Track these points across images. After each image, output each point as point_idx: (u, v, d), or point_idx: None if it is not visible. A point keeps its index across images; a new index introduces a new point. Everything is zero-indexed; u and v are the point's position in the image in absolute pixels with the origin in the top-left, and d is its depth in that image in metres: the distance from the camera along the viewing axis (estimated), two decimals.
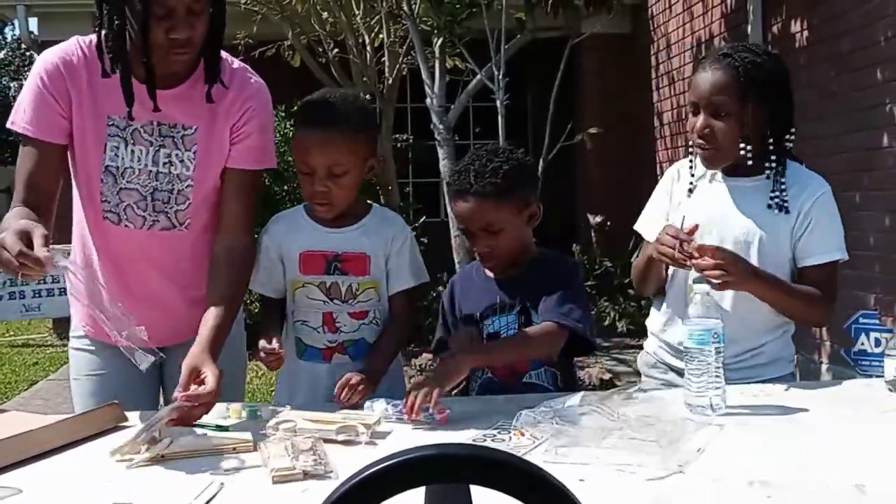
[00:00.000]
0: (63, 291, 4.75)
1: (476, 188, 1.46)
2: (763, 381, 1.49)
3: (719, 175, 1.55)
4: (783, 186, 1.49)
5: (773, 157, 1.49)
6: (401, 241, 1.54)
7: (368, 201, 1.62)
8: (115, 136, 1.44)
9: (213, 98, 1.46)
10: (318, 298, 1.51)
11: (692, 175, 1.56)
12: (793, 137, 1.53)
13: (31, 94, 1.44)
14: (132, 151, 1.45)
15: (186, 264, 1.52)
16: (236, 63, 1.54)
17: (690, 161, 1.57)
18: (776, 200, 1.49)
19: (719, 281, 1.37)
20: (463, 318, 1.56)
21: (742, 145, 1.47)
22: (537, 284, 1.51)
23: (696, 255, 1.38)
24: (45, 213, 1.39)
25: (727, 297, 1.50)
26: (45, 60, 1.45)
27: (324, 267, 1.51)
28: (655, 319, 1.64)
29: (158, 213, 1.48)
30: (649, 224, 1.60)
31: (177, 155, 1.46)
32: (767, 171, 1.50)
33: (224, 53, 1.51)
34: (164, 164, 1.46)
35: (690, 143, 1.56)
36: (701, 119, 1.48)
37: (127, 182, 1.46)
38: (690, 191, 1.56)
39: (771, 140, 1.49)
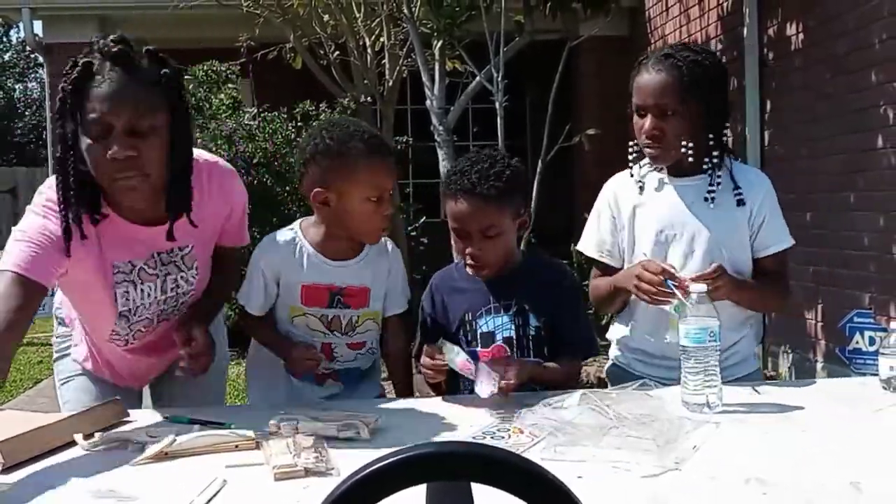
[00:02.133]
0: None
1: (480, 190, 1.48)
2: (734, 381, 1.51)
3: (666, 179, 1.57)
4: (721, 180, 1.54)
5: (716, 153, 1.53)
6: (396, 268, 1.59)
7: None
8: (123, 282, 1.40)
9: (196, 222, 1.38)
10: (319, 330, 1.53)
11: (641, 187, 1.58)
12: (728, 132, 1.59)
13: (30, 232, 1.29)
14: (141, 290, 1.42)
15: (189, 317, 1.54)
16: (202, 158, 1.43)
17: (631, 169, 1.60)
18: (713, 194, 1.54)
19: (717, 294, 1.41)
20: (453, 318, 1.56)
21: (685, 143, 1.51)
22: (535, 288, 1.54)
23: (687, 284, 1.39)
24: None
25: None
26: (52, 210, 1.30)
27: (327, 300, 1.52)
28: (622, 330, 1.64)
29: (169, 316, 1.51)
30: (599, 245, 1.62)
31: (182, 276, 1.45)
32: (707, 167, 1.54)
33: (197, 159, 1.39)
34: (172, 288, 1.46)
35: (633, 149, 1.59)
36: (649, 121, 1.51)
37: (138, 317, 1.46)
38: (641, 188, 1.58)
39: (712, 136, 1.53)
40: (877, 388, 1.41)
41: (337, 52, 5.01)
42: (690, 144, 1.51)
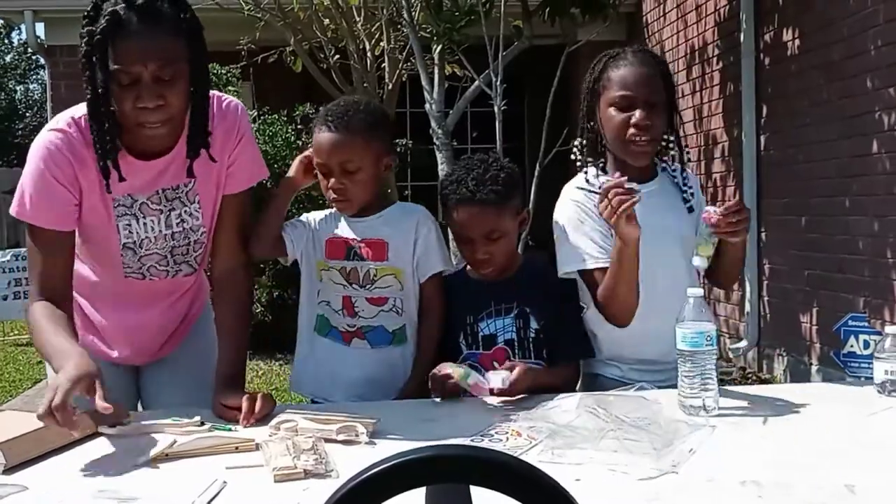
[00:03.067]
0: None
1: (479, 196, 1.50)
2: None
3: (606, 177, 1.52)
4: (686, 180, 1.57)
5: (674, 151, 1.57)
6: (426, 229, 1.59)
7: (394, 198, 1.68)
8: (125, 216, 1.43)
9: (199, 154, 1.42)
10: (339, 282, 1.58)
11: (591, 186, 1.53)
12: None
13: (39, 183, 1.36)
14: (144, 224, 1.44)
15: (194, 296, 1.59)
16: (213, 99, 1.47)
17: (585, 172, 1.58)
18: (686, 194, 1.57)
19: (739, 229, 1.42)
20: (454, 320, 1.58)
21: (665, 136, 1.54)
22: (535, 290, 1.56)
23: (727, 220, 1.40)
24: (65, 299, 1.40)
25: (670, 297, 1.43)
26: (48, 148, 1.37)
27: (345, 252, 1.58)
28: (620, 342, 1.55)
29: (180, 264, 1.51)
30: (596, 253, 1.50)
31: (186, 211, 1.47)
32: (669, 175, 1.57)
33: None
34: (178, 223, 1.47)
35: (579, 147, 1.58)
36: (639, 112, 1.48)
37: (146, 251, 1.47)
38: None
39: (673, 136, 1.56)
40: (871, 391, 1.42)
41: (337, 56, 5.03)
42: (671, 138, 1.54)
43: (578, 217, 1.55)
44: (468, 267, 1.63)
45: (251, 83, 5.83)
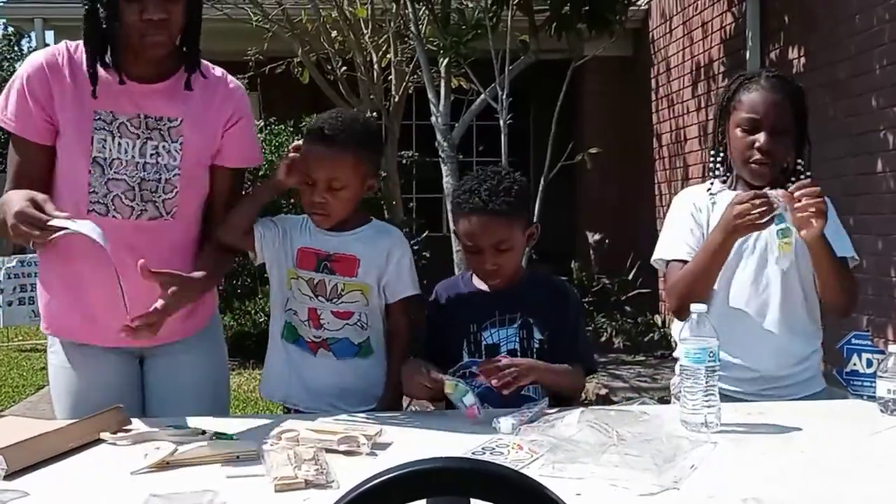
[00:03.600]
0: None
1: (491, 206, 1.52)
2: (803, 398, 1.54)
3: (729, 192, 1.60)
4: None
5: (793, 178, 1.57)
6: (399, 252, 1.60)
7: (369, 216, 1.67)
8: (102, 130, 1.46)
9: (194, 87, 1.50)
10: (306, 293, 1.58)
11: (711, 194, 1.61)
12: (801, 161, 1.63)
13: (14, 93, 1.47)
14: (119, 144, 1.47)
15: (172, 257, 1.50)
16: (218, 70, 1.59)
17: (711, 184, 1.62)
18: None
19: (816, 212, 1.43)
20: (457, 328, 1.58)
21: (788, 162, 1.57)
22: (541, 303, 1.57)
23: (796, 196, 1.43)
24: None
25: (774, 309, 1.55)
26: (29, 62, 1.49)
27: (315, 264, 1.58)
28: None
29: (146, 203, 1.49)
30: (685, 247, 1.57)
31: (164, 146, 1.49)
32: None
33: (206, 62, 1.56)
34: (152, 154, 1.48)
35: (713, 160, 1.61)
36: (764, 136, 1.53)
37: (115, 172, 1.47)
38: (713, 204, 1.59)
39: (799, 160, 1.59)
40: (874, 409, 1.42)
41: (344, 68, 5.07)
42: (799, 162, 1.57)
43: (682, 216, 1.62)
44: (473, 276, 1.64)
45: (258, 93, 5.87)
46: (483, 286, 1.60)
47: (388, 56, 4.96)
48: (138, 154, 1.48)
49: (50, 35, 6.52)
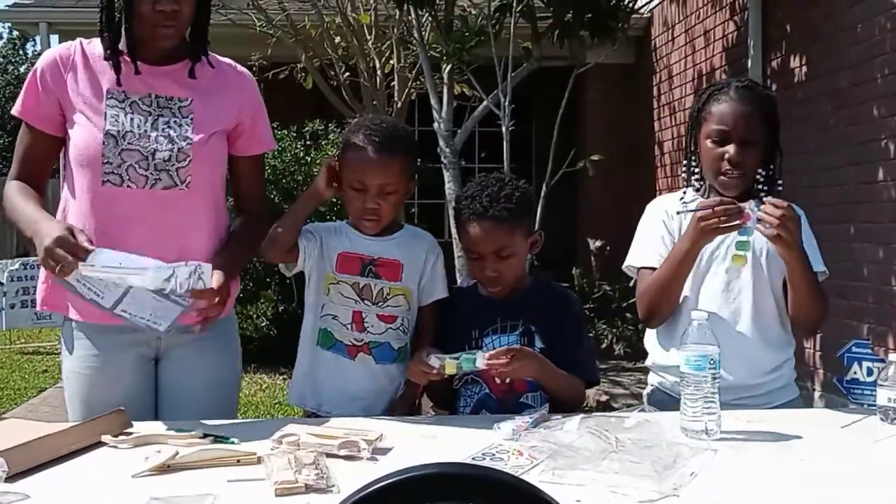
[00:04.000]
0: None
1: (492, 212, 1.53)
2: (778, 407, 1.54)
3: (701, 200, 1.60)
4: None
5: (764, 187, 1.57)
6: (434, 256, 1.64)
7: (400, 220, 1.71)
8: (115, 107, 1.52)
9: (203, 75, 1.56)
10: (350, 297, 1.60)
11: (685, 203, 1.61)
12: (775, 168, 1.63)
13: (29, 84, 1.56)
14: (132, 119, 1.52)
15: (186, 227, 1.53)
16: (226, 60, 1.65)
17: (684, 193, 1.63)
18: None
19: (776, 231, 1.43)
20: (458, 334, 1.58)
21: (759, 172, 1.57)
22: (544, 311, 1.57)
23: (766, 209, 1.44)
24: (39, 185, 1.57)
25: (745, 318, 1.55)
26: (44, 56, 1.58)
27: (360, 268, 1.60)
28: (665, 353, 1.62)
29: (160, 172, 1.51)
30: (655, 255, 1.60)
31: (175, 121, 1.54)
32: (760, 196, 1.56)
33: (213, 54, 1.62)
34: (164, 129, 1.53)
35: (686, 170, 1.62)
36: (734, 148, 1.54)
37: (128, 144, 1.51)
38: (680, 212, 1.60)
39: (770, 167, 1.58)
40: (874, 418, 1.43)
41: (347, 74, 5.10)
42: (764, 173, 1.57)
43: (654, 223, 1.64)
44: (477, 283, 1.64)
45: None
46: (486, 292, 1.61)
47: (391, 62, 4.99)
48: (150, 128, 1.53)
49: (54, 39, 6.55)
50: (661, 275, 1.57)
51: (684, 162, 1.67)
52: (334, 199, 4.65)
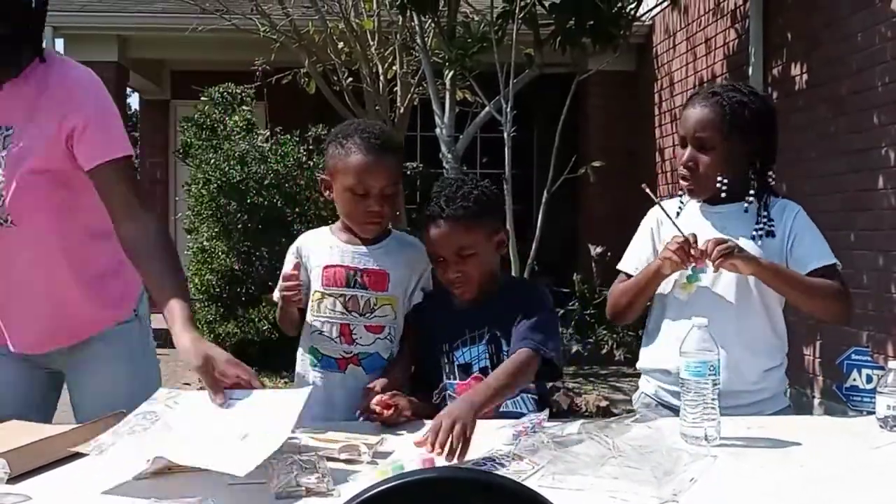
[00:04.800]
0: None
1: (448, 212, 1.51)
2: (767, 416, 1.53)
3: (701, 207, 1.62)
4: (766, 216, 1.57)
5: (753, 191, 1.57)
6: (423, 266, 1.62)
7: (389, 227, 1.69)
8: None
9: (19, 94, 1.40)
10: (337, 310, 1.59)
11: (680, 208, 1.63)
12: (772, 173, 1.62)
13: None
14: None
15: (31, 267, 1.45)
16: (58, 58, 1.47)
17: (681, 201, 1.64)
18: (761, 231, 1.56)
19: (721, 257, 1.45)
20: (432, 349, 1.56)
21: (720, 178, 1.55)
22: (506, 312, 1.53)
23: (703, 249, 1.48)
24: None
25: (731, 325, 1.54)
26: None
27: (345, 280, 1.59)
28: (653, 357, 1.65)
29: None
30: (635, 262, 1.66)
31: None
32: (746, 205, 1.58)
33: (50, 50, 1.46)
34: None
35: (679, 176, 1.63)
36: (687, 152, 1.56)
37: None
38: (678, 213, 1.62)
39: (753, 175, 1.57)
40: (874, 425, 1.42)
41: (350, 79, 5.12)
42: (725, 181, 1.56)
43: (645, 230, 1.68)
44: (448, 294, 1.60)
45: (265, 103, 5.92)
46: (458, 301, 1.57)
47: (394, 68, 5.01)
48: None
49: (60, 43, 6.59)
50: (630, 284, 1.63)
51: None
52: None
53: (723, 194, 1.57)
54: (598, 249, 6.05)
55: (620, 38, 4.37)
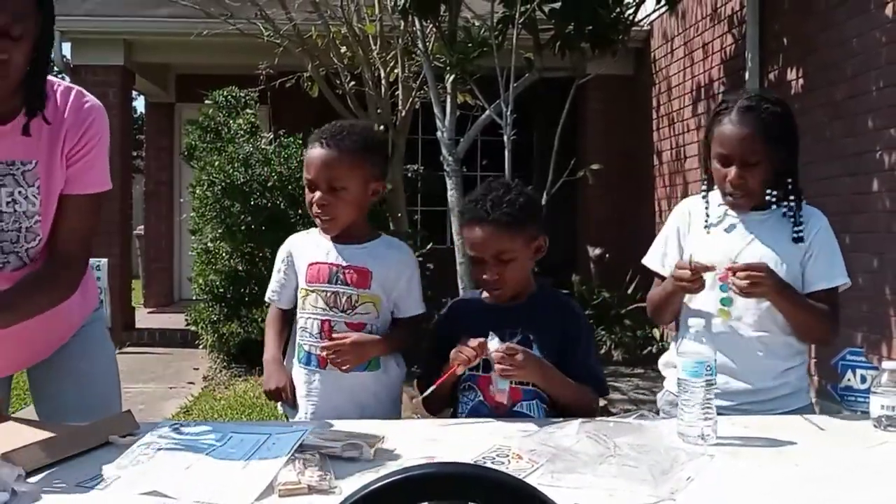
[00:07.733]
0: None
1: (494, 217, 1.54)
2: (788, 413, 1.56)
3: (731, 211, 1.64)
4: (801, 220, 1.61)
5: (792, 196, 1.60)
6: (409, 271, 1.65)
7: (379, 231, 1.72)
8: None
9: (31, 132, 1.36)
10: (320, 307, 1.62)
11: (707, 216, 1.65)
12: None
13: None
14: None
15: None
16: (64, 87, 1.42)
17: (706, 204, 1.66)
18: (799, 234, 1.60)
19: (747, 286, 1.48)
20: (459, 340, 1.57)
21: (769, 190, 1.59)
22: (542, 318, 1.57)
23: (731, 274, 1.50)
24: None
25: (748, 327, 1.57)
26: None
27: (328, 276, 1.62)
28: (672, 356, 1.66)
29: (8, 255, 1.40)
30: (662, 258, 1.68)
31: (20, 192, 1.37)
32: (784, 209, 1.61)
33: (54, 79, 1.42)
34: (8, 203, 1.37)
35: (705, 187, 1.66)
36: (734, 171, 1.57)
37: None
38: (708, 216, 1.64)
39: (790, 180, 1.61)
40: (868, 425, 1.44)
41: (352, 83, 5.16)
42: (774, 193, 1.60)
43: (672, 226, 1.69)
44: (483, 293, 1.65)
45: (268, 106, 5.95)
46: (491, 302, 1.62)
47: (396, 72, 5.05)
48: None
49: (67, 47, 6.62)
50: (658, 294, 1.67)
51: (704, 176, 1.71)
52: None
53: (773, 206, 1.60)
54: (597, 251, 6.10)
55: (619, 42, 4.41)
